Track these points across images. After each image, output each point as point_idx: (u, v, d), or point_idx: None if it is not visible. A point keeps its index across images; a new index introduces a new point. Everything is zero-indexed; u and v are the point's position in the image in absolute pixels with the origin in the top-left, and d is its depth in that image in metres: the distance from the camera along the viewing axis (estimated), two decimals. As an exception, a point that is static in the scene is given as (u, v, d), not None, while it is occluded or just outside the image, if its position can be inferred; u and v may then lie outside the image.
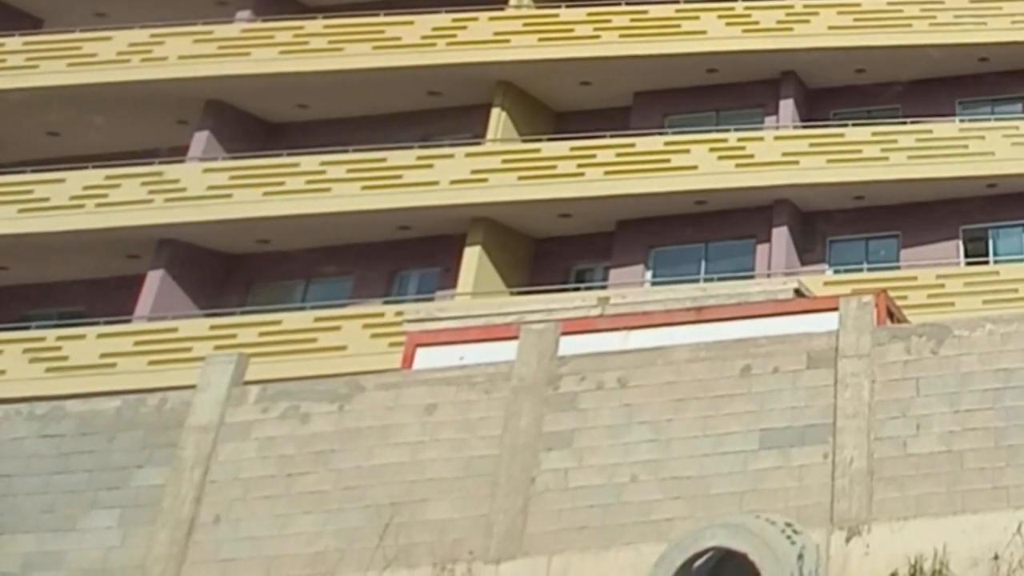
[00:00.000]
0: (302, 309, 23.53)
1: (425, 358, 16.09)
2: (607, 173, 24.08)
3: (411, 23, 25.63)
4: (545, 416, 13.24)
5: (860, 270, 24.86)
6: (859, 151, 24.91)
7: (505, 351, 14.49)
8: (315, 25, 25.70)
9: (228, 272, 24.92)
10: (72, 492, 13.96)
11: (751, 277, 23.87)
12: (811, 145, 25.02)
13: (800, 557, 10.71)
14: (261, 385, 14.48)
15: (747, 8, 26.82)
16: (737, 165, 24.46)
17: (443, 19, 25.77)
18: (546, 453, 13.04)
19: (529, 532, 12.50)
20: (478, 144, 24.94)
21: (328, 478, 13.41)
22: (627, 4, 26.57)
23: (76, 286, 25.08)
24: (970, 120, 26.55)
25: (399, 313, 22.12)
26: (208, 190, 23.61)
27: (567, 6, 26.60)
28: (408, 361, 16.34)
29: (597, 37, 25.92)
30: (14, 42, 25.59)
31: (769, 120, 26.63)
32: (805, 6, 27.08)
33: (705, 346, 13.45)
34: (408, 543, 12.49)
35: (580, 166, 24.14)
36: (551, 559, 12.28)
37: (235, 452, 13.78)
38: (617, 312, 16.43)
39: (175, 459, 13.81)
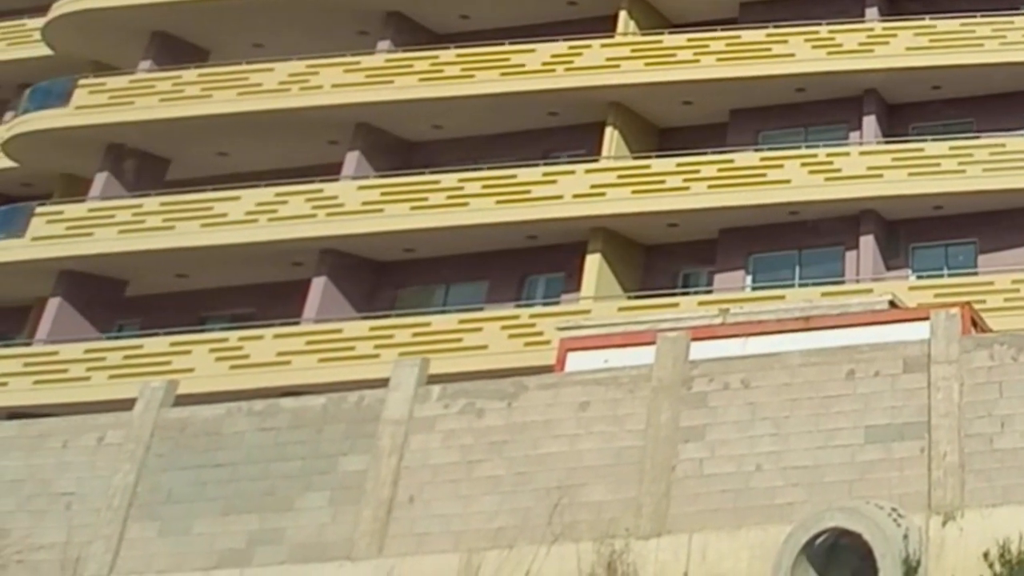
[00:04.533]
0: (444, 312, 24.50)
1: (575, 361, 17.33)
2: (710, 187, 24.89)
3: (533, 51, 26.51)
4: (681, 413, 14.38)
5: (941, 275, 25.41)
6: (937, 164, 25.48)
7: (643, 355, 15.71)
8: (448, 54, 26.67)
9: (379, 278, 26.01)
10: (288, 477, 15.16)
11: (841, 282, 24.58)
12: (893, 159, 25.65)
13: (905, 538, 11.79)
14: (442, 385, 15.61)
15: (831, 32, 27.34)
16: (826, 179, 25.16)
17: (560, 47, 26.57)
18: (683, 445, 14.22)
19: (672, 513, 13.63)
20: (595, 161, 25.75)
21: (502, 465, 14.72)
22: (723, 30, 27.29)
23: (247, 290, 26.35)
24: (1040, 133, 26.92)
25: (532, 316, 23.23)
26: (363, 205, 24.77)
27: (669, 33, 27.36)
28: (561, 364, 17.57)
29: (697, 61, 26.65)
30: (190, 74, 27.02)
31: (853, 135, 27.20)
32: (884, 28, 27.72)
33: (815, 352, 14.52)
34: (572, 521, 13.65)
35: (686, 180, 24.97)
36: (691, 536, 13.36)
37: (423, 442, 15.05)
38: (736, 321, 17.61)
39: (374, 448, 15.03)
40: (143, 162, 27.56)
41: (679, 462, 14.07)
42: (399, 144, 27.60)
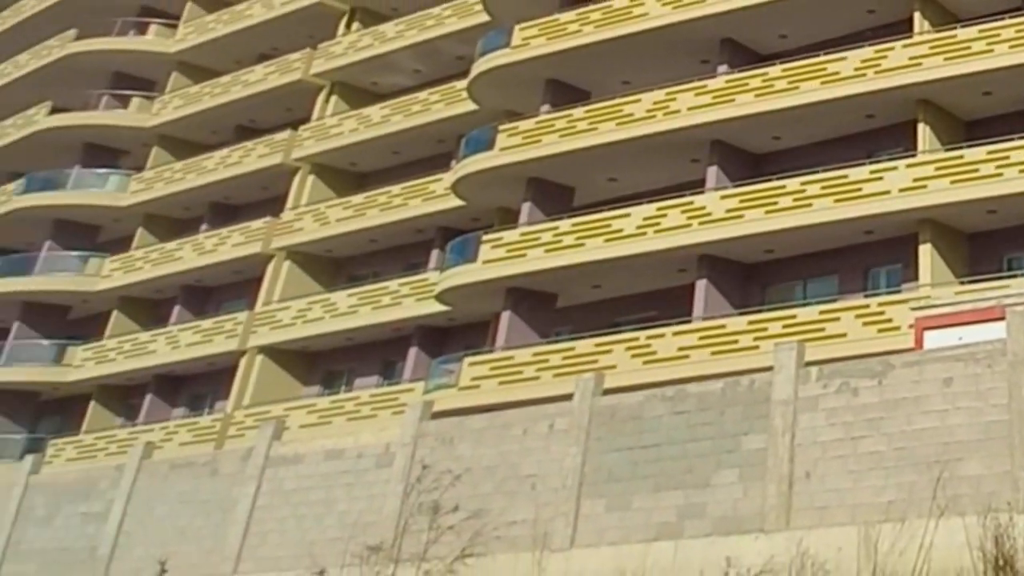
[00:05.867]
0: (806, 305, 22.25)
1: (932, 339, 15.41)
2: (1021, 171, 21.26)
3: (844, 59, 23.60)
4: (1041, 385, 12.46)
5: None
6: None
7: (994, 331, 13.72)
8: (776, 70, 24.28)
9: (748, 278, 24.08)
10: (702, 456, 14.09)
11: None
12: None
13: None
14: (818, 366, 14.10)
15: (1114, 5, 22.94)
16: None
17: (867, 52, 23.44)
18: (1048, 418, 12.29)
19: (1049, 486, 11.76)
20: (913, 156, 22.77)
21: (881, 441, 13.10)
22: (1010, 17, 22.98)
23: (647, 296, 24.93)
24: None
25: (880, 304, 20.96)
26: (726, 213, 23.08)
27: (962, 26, 23.54)
28: (919, 342, 15.73)
29: (991, 51, 22.72)
30: (578, 111, 25.95)
31: None
32: None
33: None
34: (953, 495, 11.78)
35: (998, 167, 21.54)
36: (1075, 512, 11.37)
37: (809, 421, 13.64)
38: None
39: (769, 427, 13.68)
40: (555, 191, 26.74)
41: (1047, 435, 12.07)
42: (748, 157, 25.48)
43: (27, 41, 39.86)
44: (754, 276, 24.11)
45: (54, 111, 37.62)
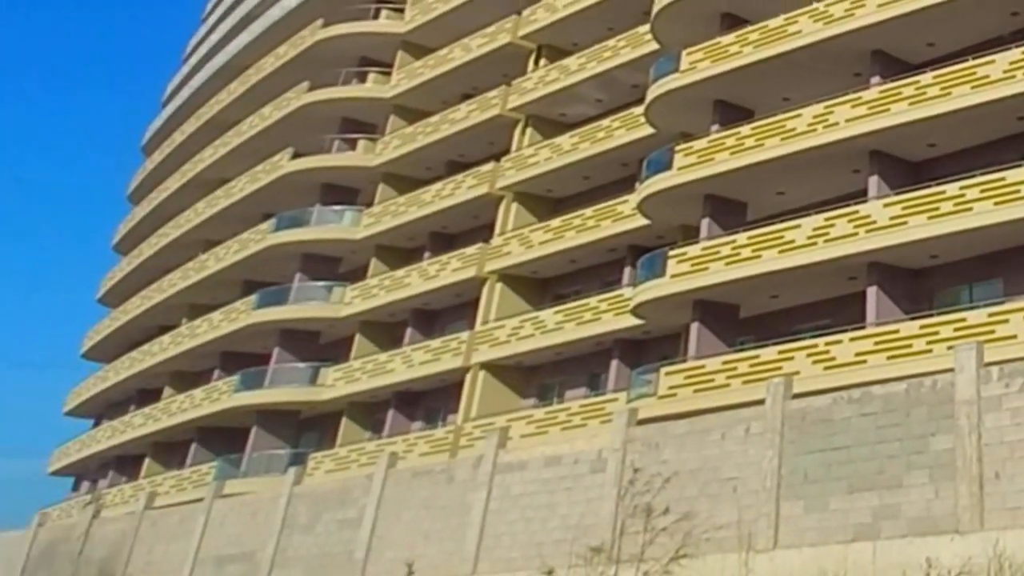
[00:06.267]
0: (974, 308, 20.42)
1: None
2: None
3: (992, 62, 21.60)
4: None
5: None
6: None
7: None
8: (927, 78, 22.50)
9: (915, 283, 22.52)
10: (892, 457, 13.32)
11: None
12: None
13: None
14: (999, 366, 13.07)
15: None
16: None
17: (1015, 54, 21.39)
18: None
19: None
20: None
21: (1069, 441, 12.16)
22: None
23: (821, 304, 23.78)
24: None
25: None
26: (890, 220, 21.65)
27: None
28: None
29: None
30: (745, 129, 24.92)
31: None
32: None
33: None
34: None
35: None
36: None
37: (995, 420, 12.65)
38: None
39: (955, 427, 12.80)
40: (729, 206, 25.76)
41: None
42: (907, 165, 23.81)
43: (268, 95, 41.69)
44: (921, 281, 22.61)
45: (295, 156, 38.98)
